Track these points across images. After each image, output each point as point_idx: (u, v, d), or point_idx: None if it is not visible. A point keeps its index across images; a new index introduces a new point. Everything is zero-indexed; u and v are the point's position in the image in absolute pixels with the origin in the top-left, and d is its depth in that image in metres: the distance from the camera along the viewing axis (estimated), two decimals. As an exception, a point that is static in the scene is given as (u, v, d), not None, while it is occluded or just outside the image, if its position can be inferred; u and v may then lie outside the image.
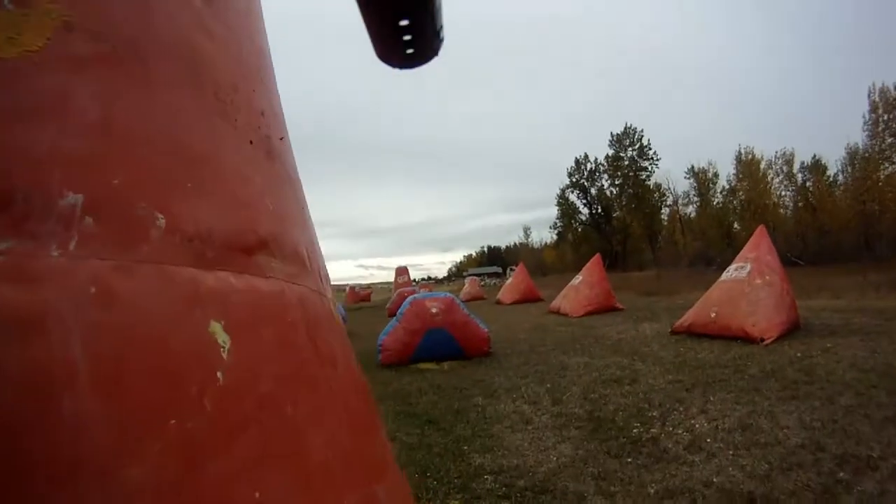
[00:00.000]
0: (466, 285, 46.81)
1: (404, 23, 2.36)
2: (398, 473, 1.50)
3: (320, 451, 1.09)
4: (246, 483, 0.88)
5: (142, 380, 0.75)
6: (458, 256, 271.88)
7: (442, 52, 2.70)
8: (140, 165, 0.89)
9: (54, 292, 0.69)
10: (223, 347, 0.90)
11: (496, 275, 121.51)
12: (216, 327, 0.90)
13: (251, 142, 1.22)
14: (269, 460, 0.93)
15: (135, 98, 0.93)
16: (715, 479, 4.62)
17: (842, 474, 4.49)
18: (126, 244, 0.81)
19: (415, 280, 64.39)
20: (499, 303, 32.64)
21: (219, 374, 0.87)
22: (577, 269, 25.12)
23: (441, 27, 2.50)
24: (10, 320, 0.64)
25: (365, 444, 1.33)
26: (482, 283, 60.87)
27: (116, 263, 0.79)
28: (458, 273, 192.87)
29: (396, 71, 2.82)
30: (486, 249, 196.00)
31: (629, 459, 5.28)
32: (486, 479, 5.12)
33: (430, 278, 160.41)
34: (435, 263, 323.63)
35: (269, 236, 1.16)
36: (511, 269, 61.11)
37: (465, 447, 6.07)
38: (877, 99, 43.73)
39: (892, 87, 42.65)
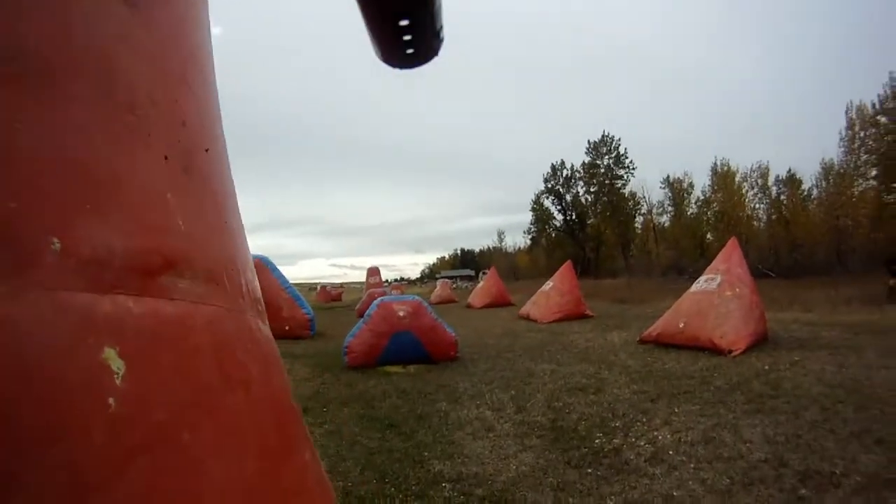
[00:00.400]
0: (438, 288, 46.93)
1: (404, 23, 2.36)
2: (320, 497, 1.46)
3: (218, 482, 1.04)
4: None
5: (25, 409, 0.73)
6: (431, 258, 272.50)
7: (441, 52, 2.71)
8: (37, 189, 0.87)
9: None
10: (117, 374, 0.88)
11: (469, 278, 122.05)
12: (110, 353, 0.88)
13: (166, 157, 1.18)
14: (159, 494, 0.91)
15: (36, 119, 0.90)
16: (675, 493, 4.56)
17: (803, 491, 4.45)
18: (17, 270, 0.80)
19: (387, 281, 64.44)
20: (469, 306, 32.63)
21: (111, 400, 0.85)
22: (550, 275, 25.17)
23: (441, 27, 2.51)
24: None
25: (277, 471, 1.27)
26: (454, 285, 60.96)
27: (6, 289, 0.77)
28: (430, 275, 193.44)
29: (384, 71, 2.88)
30: (459, 252, 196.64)
31: (589, 470, 5.22)
32: (445, 486, 5.03)
33: (402, 279, 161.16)
34: (408, 264, 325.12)
35: (177, 256, 1.12)
36: (483, 273, 61.35)
37: (426, 453, 5.99)
38: (854, 116, 44.41)
39: (869, 106, 43.31)
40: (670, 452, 5.52)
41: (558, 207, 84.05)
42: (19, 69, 0.88)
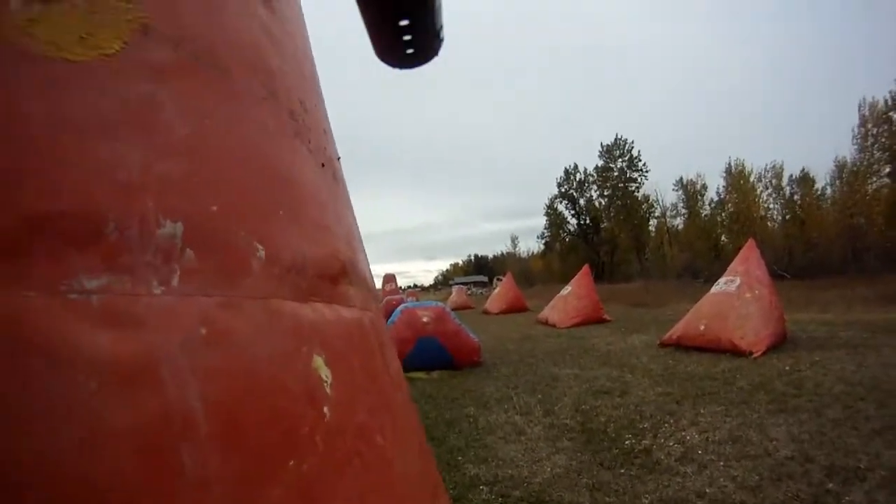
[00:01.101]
0: (453, 294, 46.74)
1: (404, 23, 2.34)
2: (444, 488, 1.46)
3: (403, 477, 1.06)
4: None
5: (259, 424, 0.70)
6: (444, 265, 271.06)
7: (442, 52, 2.67)
8: (236, 190, 0.83)
9: (162, 335, 0.62)
10: (326, 382, 0.87)
11: (482, 284, 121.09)
12: (319, 362, 0.86)
13: (322, 164, 1.14)
14: (371, 494, 0.91)
15: (223, 113, 0.85)
16: (707, 490, 4.70)
17: (831, 485, 4.59)
18: (230, 278, 0.75)
19: (401, 288, 64.19)
20: (486, 312, 32.59)
21: (325, 409, 0.84)
22: (565, 280, 25.11)
23: (441, 27, 2.49)
24: (113, 371, 0.57)
25: (429, 468, 1.31)
26: (468, 292, 60.73)
27: (223, 300, 0.72)
28: (444, 281, 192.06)
29: (391, 73, 2.81)
30: (472, 258, 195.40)
31: (622, 470, 5.35)
32: (482, 489, 5.15)
33: (416, 286, 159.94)
34: (421, 271, 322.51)
35: (347, 263, 1.10)
36: (498, 279, 60.93)
37: (459, 457, 6.10)
38: (867, 113, 43.86)
39: (882, 102, 43.00)
40: (699, 451, 5.65)
41: (572, 212, 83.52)
42: (190, 56, 0.80)
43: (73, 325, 0.55)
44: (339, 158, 1.37)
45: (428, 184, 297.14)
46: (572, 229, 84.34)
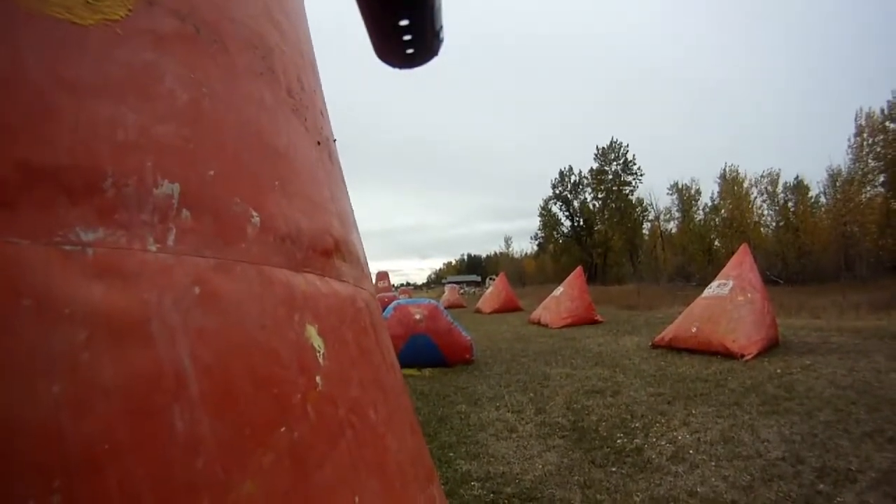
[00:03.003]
0: (446, 293, 46.81)
1: (404, 23, 2.36)
2: (437, 474, 1.47)
3: (396, 455, 1.07)
4: (348, 489, 0.86)
5: (251, 388, 0.71)
6: (437, 263, 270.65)
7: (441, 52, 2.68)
8: (232, 158, 0.84)
9: (156, 292, 0.62)
10: (319, 352, 0.88)
11: (475, 283, 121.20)
12: (311, 331, 0.88)
13: (318, 143, 1.16)
14: (363, 465, 0.92)
15: (221, 84, 0.86)
16: (699, 489, 4.70)
17: (822, 486, 4.60)
18: (225, 241, 0.76)
19: (394, 286, 64.25)
20: (478, 311, 32.58)
21: (318, 379, 0.85)
22: (558, 281, 25.12)
23: (441, 28, 2.50)
24: (104, 323, 0.56)
25: (421, 447, 1.33)
26: (461, 291, 60.79)
27: (218, 262, 0.73)
28: (437, 280, 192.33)
29: (385, 71, 2.80)
30: (466, 257, 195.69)
31: (614, 469, 5.35)
32: (474, 485, 5.16)
33: (408, 284, 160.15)
34: (414, 269, 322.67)
35: (340, 239, 1.11)
36: (490, 279, 61.08)
37: (451, 453, 6.11)
38: (863, 123, 44.21)
39: (878, 112, 43.23)
40: (691, 451, 5.66)
41: (566, 213, 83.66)
42: (192, 29, 0.82)
43: (66, 275, 0.55)
44: (335, 140, 1.39)
45: (423, 183, 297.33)
46: (566, 231, 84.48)
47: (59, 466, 0.49)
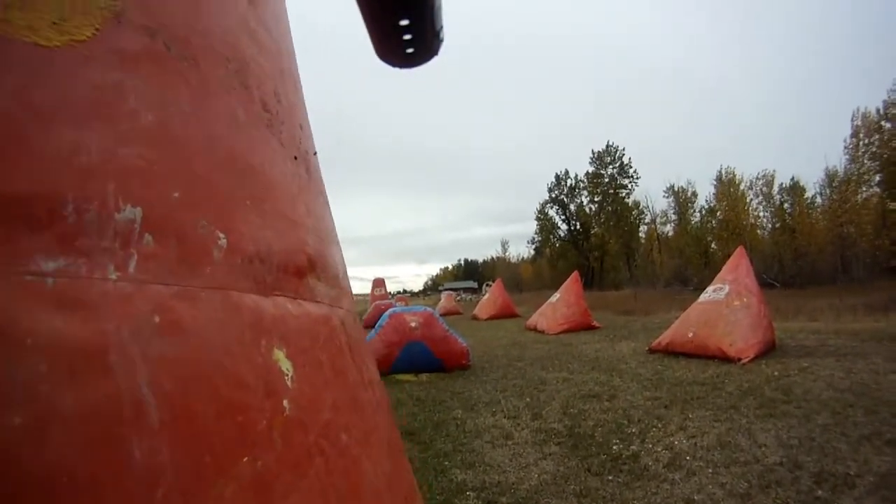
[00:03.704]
0: (443, 300, 46.80)
1: (404, 23, 2.34)
2: (419, 494, 1.46)
3: (371, 480, 1.05)
4: None
5: (213, 416, 0.69)
6: (434, 269, 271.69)
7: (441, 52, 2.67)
8: (199, 178, 0.82)
9: (115, 321, 0.61)
10: (287, 375, 0.86)
11: (472, 290, 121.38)
12: (279, 355, 0.86)
13: (295, 157, 1.14)
14: (334, 493, 0.90)
15: (190, 103, 0.84)
16: (696, 497, 4.66)
17: (820, 492, 4.55)
18: (189, 267, 0.74)
19: (390, 293, 64.27)
20: (475, 318, 32.57)
21: (285, 403, 0.83)
22: (554, 286, 25.16)
23: (441, 28, 2.48)
24: (63, 354, 0.54)
25: (400, 468, 1.30)
26: (458, 297, 60.83)
27: (180, 289, 0.71)
28: (434, 287, 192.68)
29: (381, 73, 2.81)
30: (462, 262, 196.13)
31: (610, 477, 5.30)
32: (469, 495, 5.10)
33: (405, 291, 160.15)
34: (411, 276, 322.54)
35: (315, 258, 1.10)
36: (487, 285, 61.17)
37: (447, 462, 6.05)
38: (860, 123, 44.44)
39: (874, 112, 43.38)
40: (688, 457, 5.61)
41: (562, 217, 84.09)
42: (162, 46, 0.80)
43: (27, 307, 0.54)
44: (315, 153, 1.36)
45: (420, 186, 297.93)
46: (562, 234, 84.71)
47: (18, 497, 0.48)
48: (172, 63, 0.82)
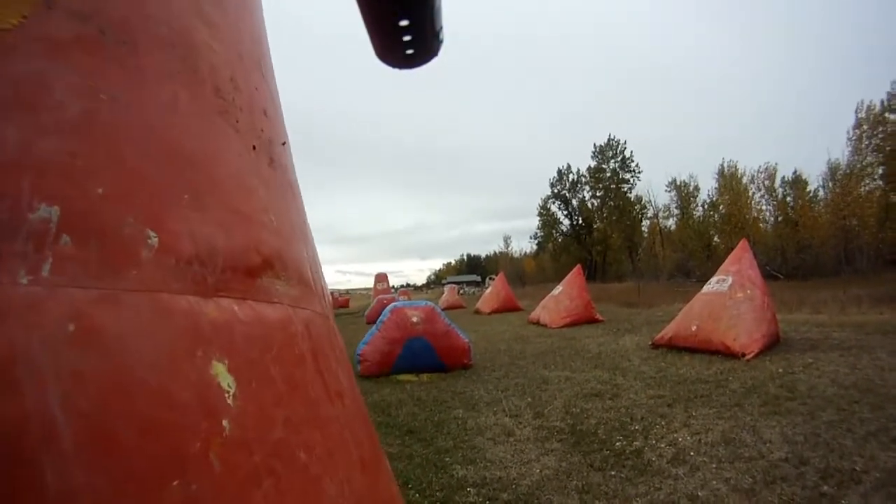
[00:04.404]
0: (445, 293, 46.79)
1: (404, 23, 2.34)
2: None
3: (334, 500, 0.98)
4: None
5: (136, 437, 0.62)
6: (437, 264, 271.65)
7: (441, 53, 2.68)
8: (128, 172, 0.76)
9: (23, 331, 0.56)
10: (228, 392, 0.78)
11: (475, 283, 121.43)
12: (219, 368, 0.78)
13: (254, 147, 1.07)
14: None
15: (122, 91, 0.79)
16: (700, 493, 4.60)
17: (826, 488, 4.50)
18: (112, 269, 0.68)
19: (394, 287, 64.17)
20: (478, 312, 32.53)
21: (225, 423, 0.76)
22: (557, 280, 25.10)
23: (441, 28, 2.49)
24: None
25: (375, 483, 1.23)
26: (461, 291, 60.77)
27: (101, 293, 0.65)
28: (436, 281, 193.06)
29: (384, 72, 2.81)
30: (465, 258, 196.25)
31: (613, 472, 5.26)
32: (469, 491, 5.07)
33: (408, 285, 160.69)
34: (414, 271, 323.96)
35: (273, 255, 1.02)
36: (490, 279, 61.13)
37: (447, 458, 6.02)
38: (863, 116, 44.33)
39: (878, 104, 43.28)
40: (691, 454, 5.56)
41: (565, 212, 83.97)
42: (95, 31, 0.76)
43: None
44: (284, 143, 1.29)
45: (423, 183, 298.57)
46: (565, 230, 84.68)
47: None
48: (107, 49, 0.78)
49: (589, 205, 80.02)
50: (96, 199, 0.69)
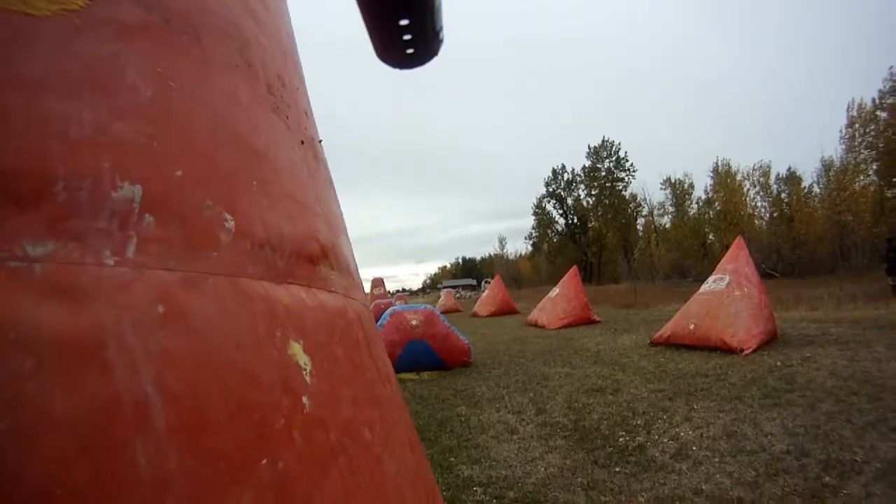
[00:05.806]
0: (442, 297, 46.63)
1: (404, 23, 2.32)
2: (439, 493, 1.40)
3: (394, 478, 0.99)
4: None
5: (226, 417, 0.62)
6: (432, 268, 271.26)
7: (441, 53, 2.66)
8: (202, 156, 0.75)
9: (113, 312, 0.54)
10: (305, 370, 0.79)
11: (471, 287, 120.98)
12: (296, 348, 0.79)
13: (302, 142, 1.08)
14: (358, 494, 0.84)
15: (191, 79, 0.78)
16: (704, 487, 4.65)
17: (827, 479, 4.56)
18: (194, 251, 0.67)
19: (389, 292, 64.05)
20: (475, 315, 32.56)
21: (305, 400, 0.77)
22: (553, 282, 25.13)
23: (441, 28, 2.47)
24: (54, 350, 0.48)
25: (421, 463, 1.25)
26: (457, 295, 60.69)
27: (185, 275, 0.65)
28: (432, 285, 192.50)
29: (377, 73, 2.80)
30: (460, 260, 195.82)
31: (617, 469, 5.30)
32: (476, 490, 5.09)
33: (404, 290, 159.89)
34: (409, 274, 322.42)
35: (328, 245, 1.03)
36: (486, 282, 61.07)
37: (452, 458, 6.05)
38: (855, 114, 44.48)
39: (869, 103, 43.46)
40: (694, 448, 5.62)
41: (560, 211, 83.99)
42: (160, 19, 0.75)
43: (12, 297, 0.48)
44: (321, 141, 1.31)
45: (415, 185, 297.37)
46: (560, 229, 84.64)
47: (6, 510, 0.42)
48: (172, 37, 0.77)
49: (584, 203, 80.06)
50: (176, 180, 0.68)
